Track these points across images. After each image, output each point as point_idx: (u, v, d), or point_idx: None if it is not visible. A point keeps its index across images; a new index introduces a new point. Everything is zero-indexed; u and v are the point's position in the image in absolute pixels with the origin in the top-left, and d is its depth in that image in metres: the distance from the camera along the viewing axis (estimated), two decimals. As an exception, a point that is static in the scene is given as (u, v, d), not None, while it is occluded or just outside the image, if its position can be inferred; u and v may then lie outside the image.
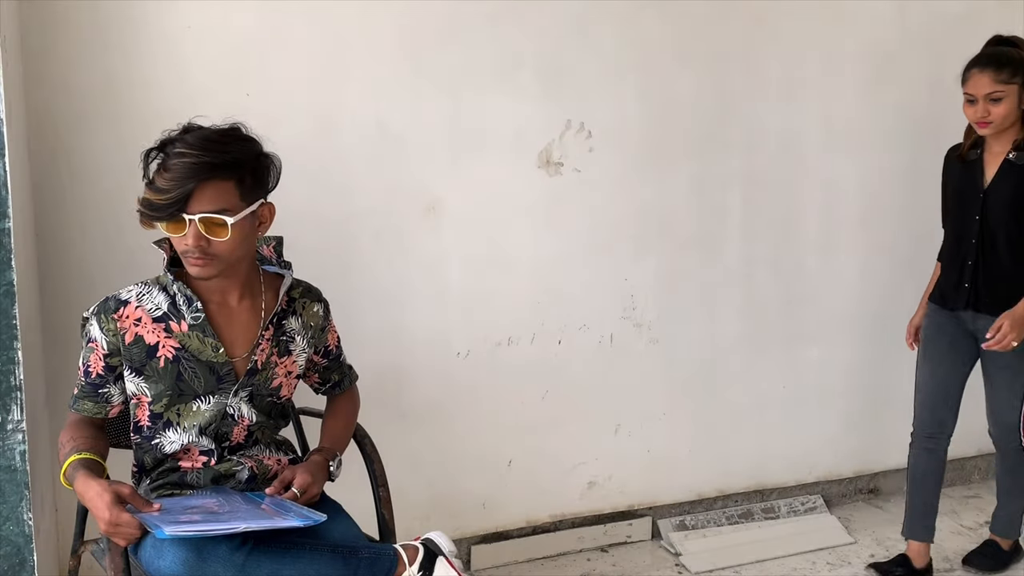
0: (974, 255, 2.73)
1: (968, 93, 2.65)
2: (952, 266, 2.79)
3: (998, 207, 2.67)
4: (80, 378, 1.83)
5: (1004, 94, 2.59)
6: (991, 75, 2.60)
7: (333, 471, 1.94)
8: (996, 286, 2.70)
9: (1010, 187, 2.66)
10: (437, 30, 2.66)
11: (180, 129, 1.76)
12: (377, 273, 2.70)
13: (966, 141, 2.79)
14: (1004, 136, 2.68)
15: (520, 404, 2.95)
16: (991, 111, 2.61)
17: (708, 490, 3.27)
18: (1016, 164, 2.66)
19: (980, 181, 2.71)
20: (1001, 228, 2.67)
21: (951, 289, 2.79)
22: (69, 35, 2.31)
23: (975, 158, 2.75)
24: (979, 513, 3.40)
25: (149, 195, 1.70)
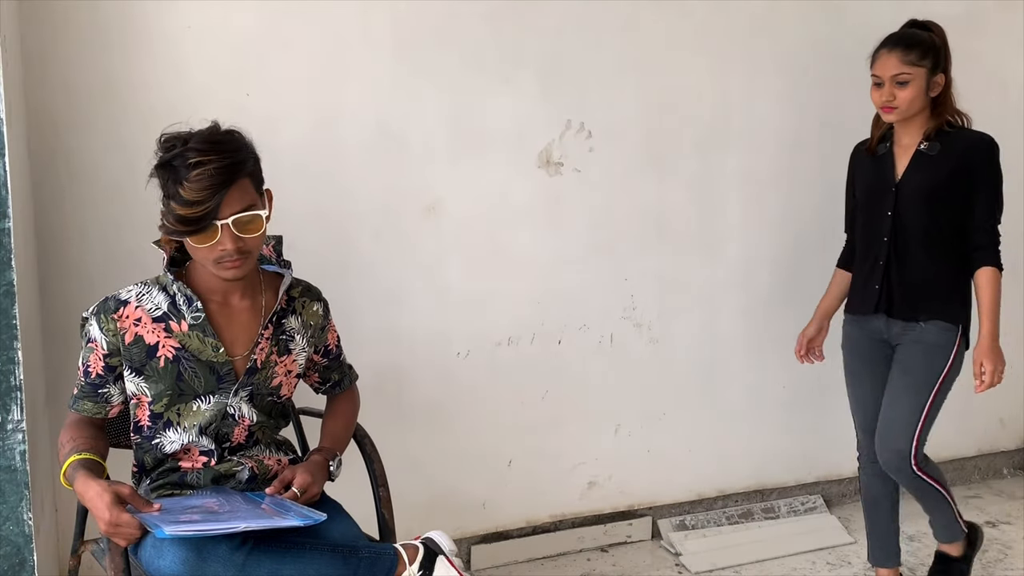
0: (886, 254, 2.54)
1: (875, 75, 2.49)
2: (863, 267, 2.62)
3: (912, 201, 2.50)
4: (80, 378, 1.83)
5: (911, 77, 2.43)
6: (899, 56, 2.45)
7: (333, 471, 1.94)
8: (910, 287, 2.52)
9: (924, 179, 2.49)
10: (437, 30, 2.66)
11: (172, 141, 1.71)
12: (377, 273, 2.70)
13: (874, 134, 2.63)
14: (912, 127, 2.52)
15: (520, 404, 2.95)
16: (897, 95, 2.44)
17: (708, 490, 3.27)
18: (928, 155, 2.49)
19: (891, 175, 2.54)
20: (915, 223, 2.50)
21: (861, 291, 2.61)
22: (69, 35, 2.31)
23: (885, 151, 2.58)
24: (979, 513, 3.40)
25: (181, 210, 1.66)
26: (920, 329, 2.50)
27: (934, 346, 2.49)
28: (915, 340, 2.51)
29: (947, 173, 2.45)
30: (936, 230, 2.48)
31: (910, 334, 2.52)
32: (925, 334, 2.49)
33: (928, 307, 2.49)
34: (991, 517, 3.38)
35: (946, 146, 2.47)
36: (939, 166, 2.46)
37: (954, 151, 2.46)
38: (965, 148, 2.46)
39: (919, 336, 2.50)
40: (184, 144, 1.69)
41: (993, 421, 3.68)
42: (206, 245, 1.71)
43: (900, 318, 2.52)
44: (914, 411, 2.49)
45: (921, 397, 2.49)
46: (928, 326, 2.49)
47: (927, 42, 2.47)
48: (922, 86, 2.45)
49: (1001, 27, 3.41)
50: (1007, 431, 3.72)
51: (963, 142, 2.47)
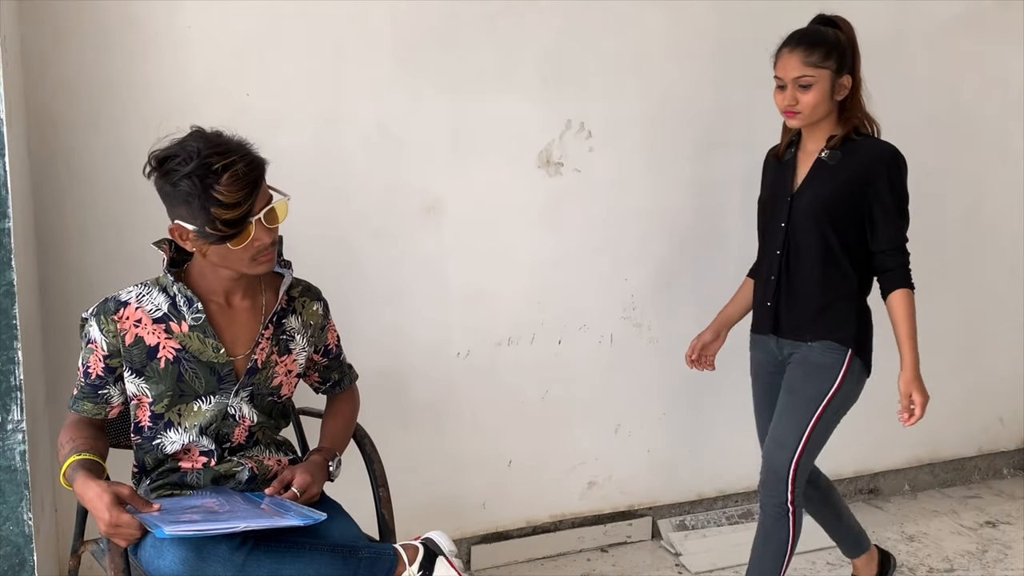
0: (777, 270, 2.35)
1: (776, 76, 2.29)
2: (759, 283, 2.45)
3: (805, 214, 2.29)
4: (80, 379, 1.83)
5: (814, 80, 2.22)
6: (800, 56, 2.24)
7: (332, 471, 1.94)
8: (798, 306, 2.34)
9: (819, 190, 2.29)
10: (437, 30, 2.66)
11: (176, 155, 1.69)
12: (377, 273, 2.70)
13: (783, 138, 2.44)
14: (819, 132, 2.31)
15: (520, 404, 2.95)
16: (800, 99, 2.24)
17: (708, 490, 3.27)
18: (828, 164, 2.29)
19: (790, 184, 2.35)
20: (808, 238, 2.29)
21: (758, 310, 2.44)
22: (69, 35, 2.31)
23: (789, 158, 2.39)
24: (979, 513, 3.40)
25: (226, 214, 1.68)
26: (806, 348, 2.33)
27: (818, 367, 2.31)
28: (800, 360, 2.34)
29: (845, 185, 2.26)
30: (830, 247, 2.28)
31: (798, 353, 2.35)
32: (811, 354, 2.32)
33: (815, 327, 2.30)
34: (991, 517, 3.38)
35: (848, 155, 2.28)
36: (837, 177, 2.27)
37: (854, 162, 2.27)
38: (866, 160, 2.26)
39: (804, 356, 2.34)
40: (197, 154, 1.67)
41: (993, 421, 3.68)
42: (243, 245, 1.73)
43: (789, 338, 2.36)
44: (795, 432, 2.30)
45: (803, 418, 2.29)
46: (815, 345, 2.32)
47: (831, 41, 2.26)
48: (826, 89, 2.25)
49: (1001, 27, 3.41)
50: (1007, 431, 3.72)
51: (865, 153, 2.27)
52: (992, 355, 3.60)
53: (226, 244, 1.72)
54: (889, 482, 3.56)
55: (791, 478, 2.29)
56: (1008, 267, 3.57)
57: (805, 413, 2.30)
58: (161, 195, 1.75)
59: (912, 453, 3.56)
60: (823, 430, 2.31)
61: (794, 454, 2.29)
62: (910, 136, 3.31)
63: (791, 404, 2.32)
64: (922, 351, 3.44)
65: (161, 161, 1.71)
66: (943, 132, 3.37)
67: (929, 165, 3.37)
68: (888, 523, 3.33)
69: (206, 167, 1.66)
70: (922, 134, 3.34)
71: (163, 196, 1.74)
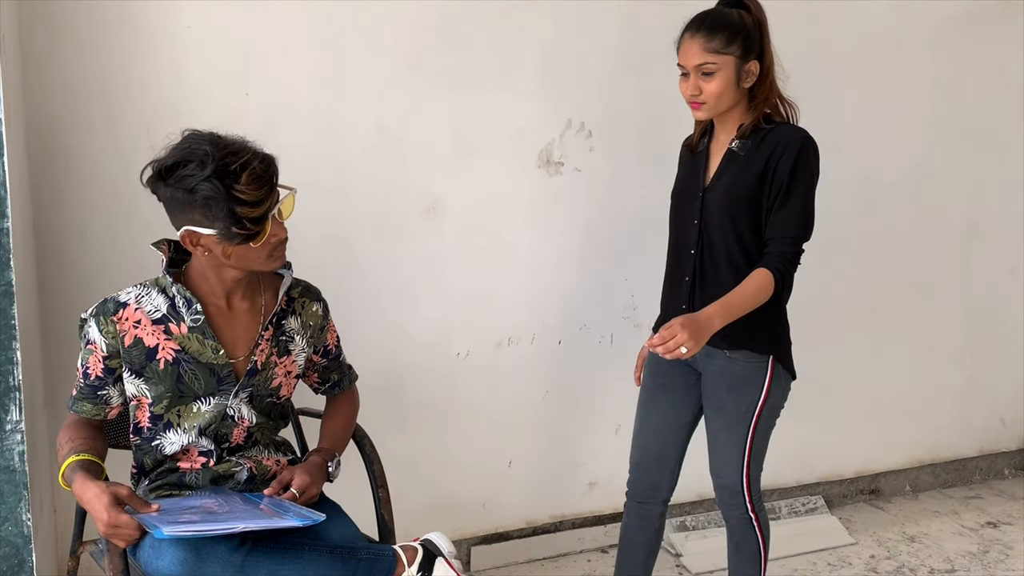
0: (692, 270, 2.18)
1: (679, 64, 2.11)
2: (671, 282, 2.27)
3: (717, 208, 2.13)
4: (79, 379, 1.83)
5: (717, 67, 2.04)
6: (701, 42, 2.05)
7: (332, 472, 1.94)
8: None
9: (729, 183, 2.12)
10: (437, 29, 2.66)
11: (187, 159, 1.68)
12: (377, 273, 2.70)
13: (697, 128, 2.27)
14: (730, 121, 2.15)
15: (520, 404, 2.94)
16: (703, 87, 2.07)
17: (709, 490, 3.23)
18: (739, 154, 2.12)
19: (702, 177, 2.18)
20: (720, 236, 2.13)
21: (670, 311, 2.25)
22: (68, 35, 2.31)
23: (702, 149, 2.23)
24: (980, 514, 3.40)
25: (251, 212, 1.69)
26: (726, 359, 2.16)
27: (741, 379, 2.16)
28: (720, 373, 2.17)
29: (755, 176, 2.09)
30: (745, 245, 2.11)
31: (715, 363, 2.18)
32: (731, 365, 2.16)
33: (733, 334, 2.08)
34: (992, 517, 3.38)
35: (757, 144, 2.10)
36: (747, 168, 2.10)
37: (764, 150, 2.09)
38: (774, 146, 2.08)
39: (725, 368, 2.17)
40: (211, 158, 1.66)
41: (995, 421, 3.68)
42: (262, 242, 1.73)
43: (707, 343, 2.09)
44: (735, 450, 2.19)
45: (740, 434, 2.18)
46: (734, 355, 2.15)
47: (735, 24, 2.06)
48: (731, 76, 2.06)
49: (1002, 27, 3.41)
50: (1008, 431, 3.71)
51: (773, 140, 2.09)
52: (993, 355, 3.60)
53: (248, 243, 1.73)
54: (890, 483, 3.56)
55: (746, 489, 2.21)
56: (1008, 267, 3.56)
57: (740, 429, 2.18)
58: (170, 203, 1.72)
59: (913, 454, 3.55)
60: (762, 439, 2.21)
61: (742, 469, 2.20)
62: (908, 136, 3.33)
63: (724, 423, 2.20)
64: (923, 350, 3.48)
65: (169, 169, 1.69)
66: (943, 132, 3.37)
67: (929, 165, 3.37)
68: (889, 524, 3.32)
69: (224, 168, 1.66)
70: (922, 134, 3.34)
71: (173, 203, 1.72)
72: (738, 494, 2.22)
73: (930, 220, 3.41)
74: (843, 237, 3.29)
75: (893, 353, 3.43)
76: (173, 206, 1.73)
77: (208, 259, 1.78)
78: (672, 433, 2.29)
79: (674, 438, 2.30)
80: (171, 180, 1.69)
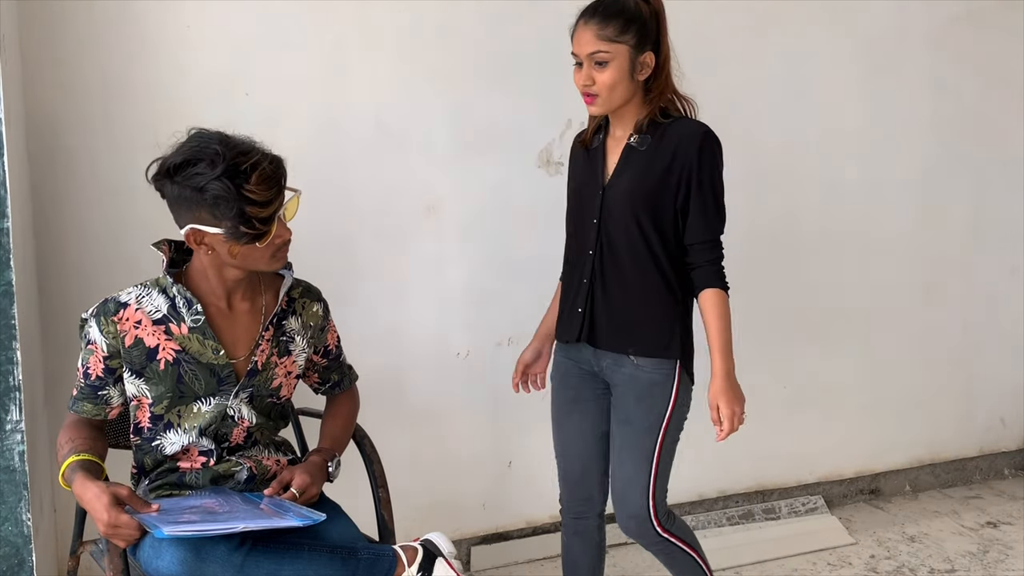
0: (591, 271, 2.08)
1: (572, 53, 2.00)
2: (569, 286, 2.16)
3: (617, 208, 2.03)
4: (79, 379, 1.83)
5: (610, 55, 1.93)
6: (594, 29, 1.94)
7: (332, 472, 1.94)
8: (616, 313, 2.06)
9: (630, 181, 2.02)
10: (437, 29, 2.66)
11: (195, 158, 1.68)
12: (377, 273, 2.70)
13: (590, 123, 2.16)
14: (627, 116, 2.04)
15: (520, 404, 2.94)
16: (596, 78, 1.96)
17: (709, 490, 3.26)
18: (638, 150, 2.02)
19: (600, 175, 2.07)
20: (621, 236, 2.03)
21: (567, 315, 2.15)
22: (68, 35, 2.31)
23: (597, 145, 2.11)
24: (980, 514, 3.40)
25: (260, 212, 1.69)
26: (632, 366, 2.07)
27: (650, 387, 2.06)
28: (628, 383, 2.08)
29: (657, 174, 2.00)
30: (648, 244, 2.02)
31: (622, 371, 2.08)
32: (639, 372, 2.07)
33: (638, 338, 2.03)
34: (992, 517, 3.38)
35: (657, 140, 2.01)
36: (648, 165, 2.01)
37: (665, 146, 2.00)
38: (676, 143, 2.00)
39: (632, 376, 2.07)
40: (222, 157, 1.67)
41: (995, 421, 3.67)
42: (267, 242, 1.74)
43: (608, 349, 2.08)
44: (641, 466, 2.07)
45: (646, 448, 2.07)
46: (640, 362, 2.06)
47: (631, 12, 1.95)
48: (625, 67, 1.96)
49: (1002, 26, 3.40)
50: (1008, 431, 3.71)
51: (675, 135, 2.00)
52: (993, 355, 3.60)
53: (254, 243, 1.73)
54: (890, 483, 3.56)
55: (653, 515, 2.10)
56: (1008, 267, 3.56)
57: (647, 443, 2.07)
58: (177, 201, 1.72)
59: (913, 454, 3.55)
60: (668, 454, 2.11)
61: (648, 489, 2.08)
62: (910, 136, 3.33)
63: (631, 436, 2.08)
64: (923, 350, 3.47)
65: (178, 167, 1.69)
66: (944, 132, 3.37)
67: (930, 165, 3.37)
68: (889, 524, 3.32)
69: (234, 168, 1.67)
70: (923, 134, 3.34)
71: (180, 201, 1.71)
72: (645, 521, 2.10)
73: (931, 219, 3.41)
74: (844, 236, 3.29)
75: (893, 353, 3.43)
76: (179, 204, 1.72)
77: (211, 258, 1.78)
78: (592, 445, 2.19)
79: (595, 450, 2.19)
80: (179, 178, 1.69)
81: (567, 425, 2.22)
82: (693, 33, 2.96)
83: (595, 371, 2.14)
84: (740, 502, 3.30)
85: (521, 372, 2.33)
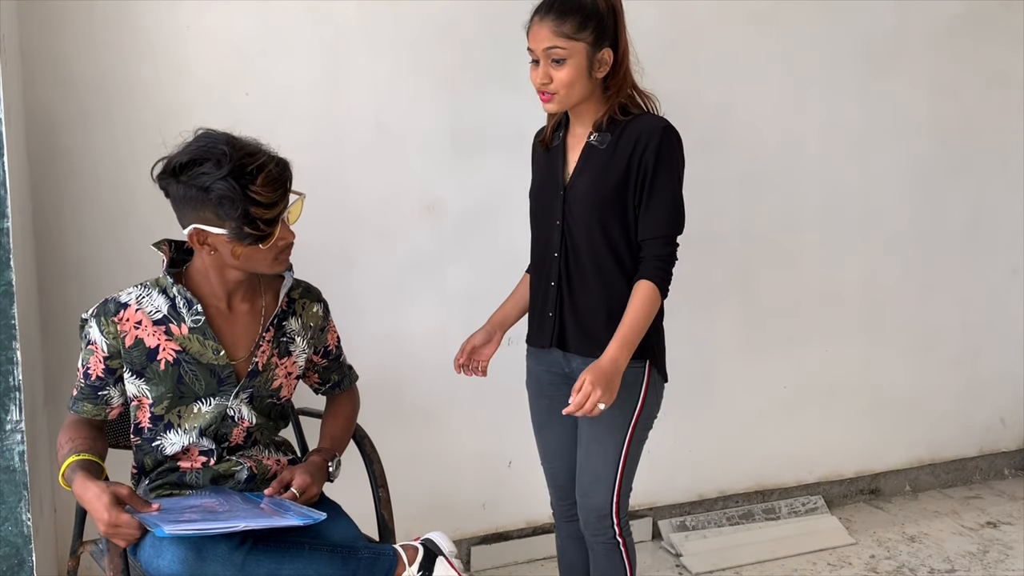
0: (557, 274, 2.04)
1: (528, 49, 1.96)
2: (537, 289, 2.12)
3: (579, 207, 1.98)
4: (79, 380, 1.83)
5: (567, 53, 1.89)
6: (551, 26, 1.90)
7: (332, 471, 1.94)
8: (584, 316, 2.02)
9: (591, 179, 1.97)
10: (436, 29, 2.66)
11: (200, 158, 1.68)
12: (377, 273, 2.70)
13: (549, 121, 2.11)
14: (586, 114, 2.00)
15: (520, 404, 2.93)
16: (553, 75, 1.91)
17: (709, 490, 3.26)
18: (599, 148, 1.97)
19: (561, 174, 2.03)
20: (585, 235, 1.99)
21: (537, 320, 2.13)
22: (68, 35, 2.31)
23: (558, 143, 2.07)
24: (980, 514, 3.40)
25: (265, 214, 1.70)
26: None
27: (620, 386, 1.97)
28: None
29: (618, 172, 1.95)
30: (612, 244, 1.98)
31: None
32: None
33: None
34: (992, 517, 3.38)
35: (617, 136, 1.97)
36: (608, 164, 1.96)
37: (625, 143, 1.96)
38: (636, 139, 1.95)
39: None
40: (228, 157, 1.66)
41: (994, 421, 3.68)
42: (270, 244, 1.74)
43: (577, 352, 2.04)
44: (609, 462, 2.05)
45: (615, 445, 2.04)
46: None
47: (588, 8, 1.91)
48: (582, 64, 1.91)
49: (1002, 27, 3.40)
50: (1008, 431, 3.71)
51: (634, 131, 1.96)
52: (993, 355, 3.60)
53: (258, 244, 1.73)
54: (890, 483, 3.56)
55: (615, 512, 2.07)
56: (1009, 267, 3.56)
57: (615, 441, 2.03)
58: (182, 200, 1.71)
59: (913, 453, 3.55)
60: (636, 452, 2.08)
61: (613, 487, 2.05)
62: (910, 136, 3.33)
63: (598, 434, 2.04)
64: (923, 350, 3.47)
65: (184, 166, 1.69)
66: (944, 132, 3.37)
67: (930, 165, 3.37)
68: (889, 523, 3.32)
69: (241, 169, 1.67)
70: (922, 134, 3.34)
71: (185, 200, 1.71)
72: (606, 516, 2.07)
73: (931, 220, 3.41)
74: (843, 237, 3.29)
75: (893, 353, 3.43)
76: (184, 203, 1.72)
77: (212, 259, 1.78)
78: (575, 450, 2.15)
79: (578, 454, 2.15)
80: (184, 177, 1.69)
81: (548, 434, 2.21)
82: (693, 32, 2.98)
83: (566, 372, 2.11)
84: (740, 502, 3.30)
85: (468, 353, 2.25)
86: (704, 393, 3.18)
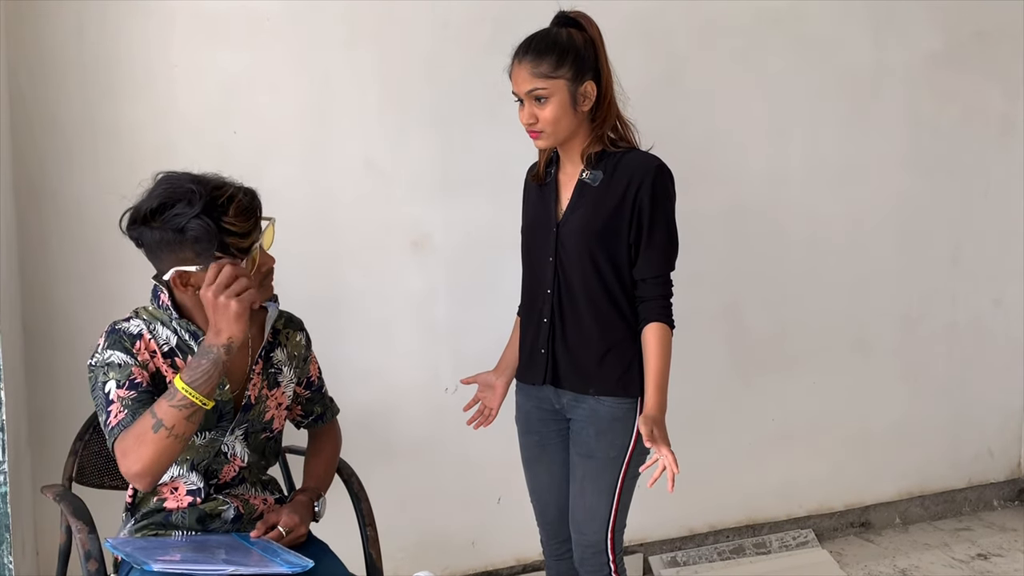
0: (550, 310, 2.05)
1: (513, 92, 2.00)
2: (529, 325, 2.13)
3: (573, 245, 2.00)
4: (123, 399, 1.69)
5: (549, 91, 1.92)
6: (529, 67, 1.93)
7: (318, 511, 1.93)
8: (576, 353, 2.04)
9: (584, 217, 1.99)
10: (423, 65, 2.68)
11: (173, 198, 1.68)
12: (365, 308, 2.70)
13: (541, 157, 2.12)
14: (575, 148, 2.01)
15: (509, 440, 2.91)
16: (538, 115, 1.94)
17: (699, 525, 3.24)
18: (591, 185, 1.99)
19: (554, 211, 2.05)
20: (579, 272, 2.00)
21: (528, 356, 2.13)
22: (55, 73, 2.32)
23: (550, 180, 2.08)
24: (970, 546, 3.39)
25: (242, 242, 1.70)
26: (593, 401, 2.05)
27: (611, 422, 2.04)
28: (588, 418, 2.05)
29: (610, 210, 1.98)
30: (602, 282, 2.00)
31: (583, 407, 2.06)
32: (599, 407, 2.04)
33: (599, 378, 2.01)
34: (983, 549, 3.37)
35: (610, 173, 1.99)
36: (601, 201, 1.99)
37: (618, 180, 1.98)
38: (629, 177, 1.97)
39: (592, 412, 2.05)
40: (198, 195, 1.66)
41: (983, 452, 3.68)
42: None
43: (569, 389, 2.06)
44: (603, 498, 2.05)
45: (609, 481, 2.04)
46: (603, 400, 2.04)
47: (564, 46, 1.93)
48: (565, 101, 1.94)
49: (979, 62, 3.46)
50: (996, 462, 3.72)
51: (627, 169, 1.98)
52: (980, 386, 3.61)
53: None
54: (880, 515, 3.55)
55: (610, 548, 2.07)
56: (991, 298, 3.59)
57: (609, 477, 2.04)
58: (158, 246, 1.69)
59: (902, 486, 3.55)
60: (630, 487, 2.08)
61: (608, 523, 2.06)
62: (892, 167, 3.37)
63: (593, 470, 2.05)
64: (910, 381, 3.48)
65: (155, 211, 1.68)
66: (924, 166, 3.41)
67: (911, 198, 3.41)
68: (880, 556, 3.31)
69: (212, 203, 1.68)
70: (903, 168, 3.38)
71: (161, 245, 1.69)
72: (601, 552, 2.07)
73: (914, 252, 3.44)
74: (829, 269, 3.31)
75: (880, 385, 3.44)
76: (160, 248, 1.71)
77: (197, 298, 1.76)
78: (564, 488, 2.15)
79: (567, 492, 2.15)
80: (157, 222, 1.68)
81: (538, 470, 2.21)
82: (677, 68, 3.02)
83: (556, 408, 2.13)
84: (731, 536, 3.28)
85: (480, 383, 2.28)
86: (692, 427, 3.16)
